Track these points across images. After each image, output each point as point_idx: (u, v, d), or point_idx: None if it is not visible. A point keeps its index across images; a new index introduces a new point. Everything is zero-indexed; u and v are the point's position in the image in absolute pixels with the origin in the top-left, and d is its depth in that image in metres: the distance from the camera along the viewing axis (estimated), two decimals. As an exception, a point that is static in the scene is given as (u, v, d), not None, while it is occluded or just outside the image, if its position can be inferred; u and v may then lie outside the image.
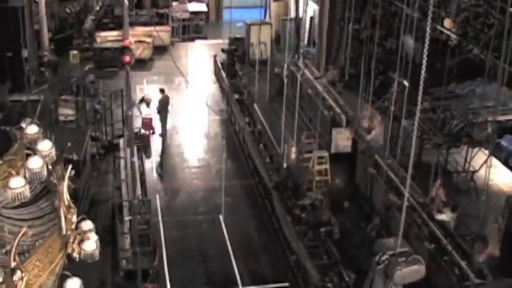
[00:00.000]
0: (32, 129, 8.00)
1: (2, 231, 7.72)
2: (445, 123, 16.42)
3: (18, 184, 7.02)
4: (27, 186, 7.10)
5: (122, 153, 18.45)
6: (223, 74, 24.23)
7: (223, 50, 27.26)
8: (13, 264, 6.72)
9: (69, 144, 15.47)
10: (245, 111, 21.26)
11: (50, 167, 7.89)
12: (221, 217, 16.82)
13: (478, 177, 16.54)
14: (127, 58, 8.76)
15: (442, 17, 16.92)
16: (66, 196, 7.81)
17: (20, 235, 6.89)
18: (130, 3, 33.42)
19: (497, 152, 16.50)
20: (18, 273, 6.72)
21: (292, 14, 25.69)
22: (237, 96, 22.25)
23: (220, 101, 24.75)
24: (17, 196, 7.01)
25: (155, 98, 21.70)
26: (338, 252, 14.63)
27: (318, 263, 13.90)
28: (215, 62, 26.20)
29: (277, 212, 15.68)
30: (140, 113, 20.54)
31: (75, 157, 16.04)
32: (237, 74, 24.60)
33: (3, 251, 7.26)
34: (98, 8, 31.15)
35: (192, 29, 32.60)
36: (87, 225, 7.97)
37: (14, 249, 6.71)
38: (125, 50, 8.78)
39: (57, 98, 21.29)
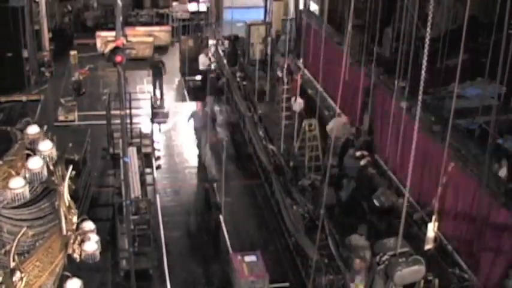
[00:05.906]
0: (32, 130, 8.00)
1: (1, 231, 7.73)
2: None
3: (17, 184, 7.02)
4: (27, 187, 7.10)
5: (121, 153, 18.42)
6: (225, 61, 24.22)
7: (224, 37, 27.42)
8: (12, 264, 6.71)
9: (70, 144, 15.57)
10: (246, 97, 21.10)
11: (51, 167, 7.90)
12: (221, 217, 16.81)
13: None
14: (118, 58, 8.72)
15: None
16: (66, 196, 7.81)
17: (19, 235, 6.89)
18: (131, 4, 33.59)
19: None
20: (18, 274, 6.71)
21: (292, 14, 25.66)
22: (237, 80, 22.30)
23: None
24: (17, 196, 7.02)
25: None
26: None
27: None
28: (216, 49, 26.26)
29: (276, 194, 15.60)
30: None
31: (76, 157, 16.06)
32: (238, 62, 24.63)
33: (3, 251, 7.26)
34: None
35: (192, 29, 32.59)
36: (89, 225, 7.97)
37: (13, 250, 6.71)
38: (116, 50, 8.74)
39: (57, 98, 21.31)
